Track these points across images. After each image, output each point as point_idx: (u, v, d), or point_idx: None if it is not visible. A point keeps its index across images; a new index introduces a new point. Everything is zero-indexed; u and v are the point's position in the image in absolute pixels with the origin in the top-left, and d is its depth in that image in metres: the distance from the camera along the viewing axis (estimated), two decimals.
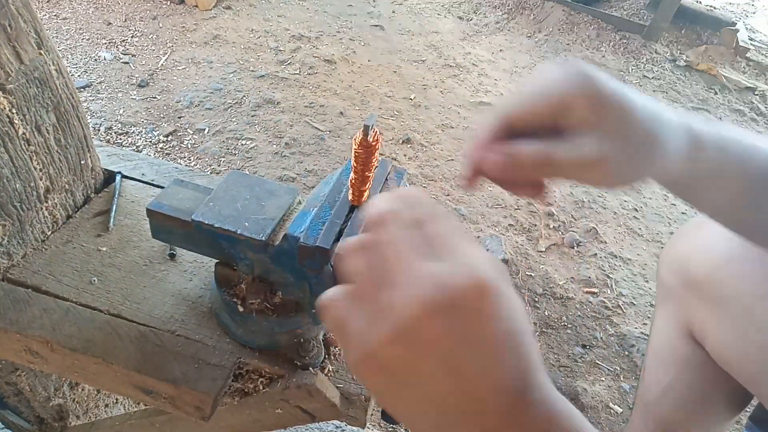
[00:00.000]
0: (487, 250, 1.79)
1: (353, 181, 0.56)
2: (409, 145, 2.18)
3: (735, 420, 0.93)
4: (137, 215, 0.75)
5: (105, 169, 0.81)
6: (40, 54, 0.62)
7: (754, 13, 3.98)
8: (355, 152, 0.53)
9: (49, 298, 0.64)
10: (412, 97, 2.46)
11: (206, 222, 0.56)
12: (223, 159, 1.95)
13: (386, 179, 0.61)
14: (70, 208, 0.75)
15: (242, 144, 2.02)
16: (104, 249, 0.71)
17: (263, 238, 0.56)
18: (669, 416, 0.89)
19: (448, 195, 2.00)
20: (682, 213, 2.17)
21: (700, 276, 0.77)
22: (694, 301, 0.79)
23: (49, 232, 0.72)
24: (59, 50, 2.31)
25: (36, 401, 0.82)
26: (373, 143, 0.52)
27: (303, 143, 2.07)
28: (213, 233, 0.57)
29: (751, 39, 3.41)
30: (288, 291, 0.60)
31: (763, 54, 3.33)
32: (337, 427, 1.34)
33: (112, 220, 0.74)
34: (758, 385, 0.71)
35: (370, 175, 0.56)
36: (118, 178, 0.80)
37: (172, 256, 0.71)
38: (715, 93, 3.01)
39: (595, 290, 1.75)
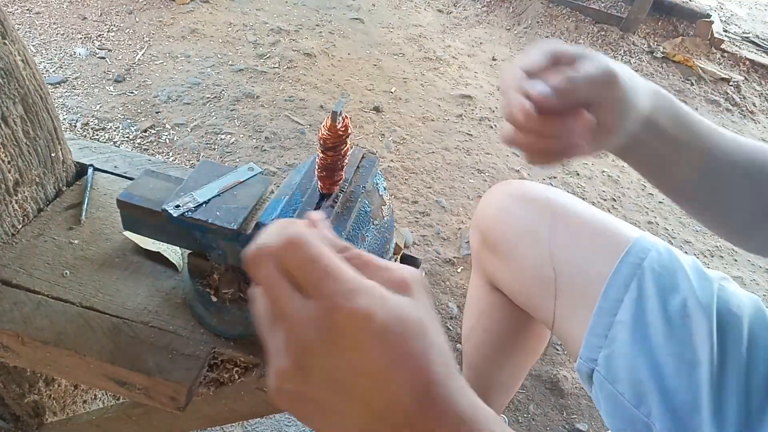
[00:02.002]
0: (467, 242, 1.80)
1: (320, 171, 0.56)
2: (390, 138, 2.18)
3: (532, 362, 1.08)
4: (109, 207, 0.75)
5: (77, 162, 0.80)
6: (5, 44, 0.61)
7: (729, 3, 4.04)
8: (324, 140, 0.53)
9: (20, 292, 0.64)
10: (392, 90, 2.47)
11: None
12: (202, 154, 1.93)
13: (358, 167, 0.61)
14: (41, 201, 0.74)
15: (221, 138, 2.01)
16: (76, 242, 0.70)
17: (235, 227, 0.56)
18: (472, 356, 1.03)
19: (429, 187, 2.01)
20: (660, 202, 2.21)
21: (485, 230, 0.89)
22: (487, 254, 0.90)
23: (20, 226, 0.71)
24: (33, 45, 2.28)
25: (10, 398, 0.81)
26: (342, 131, 0.52)
27: (283, 137, 2.06)
28: (184, 223, 0.57)
29: (725, 31, 3.47)
30: None
31: (737, 45, 3.39)
32: None
33: (83, 212, 0.73)
34: (536, 309, 0.83)
35: (342, 164, 0.56)
36: (90, 170, 0.79)
37: None
38: (692, 84, 3.05)
39: None
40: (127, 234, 0.71)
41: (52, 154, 0.73)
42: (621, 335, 0.71)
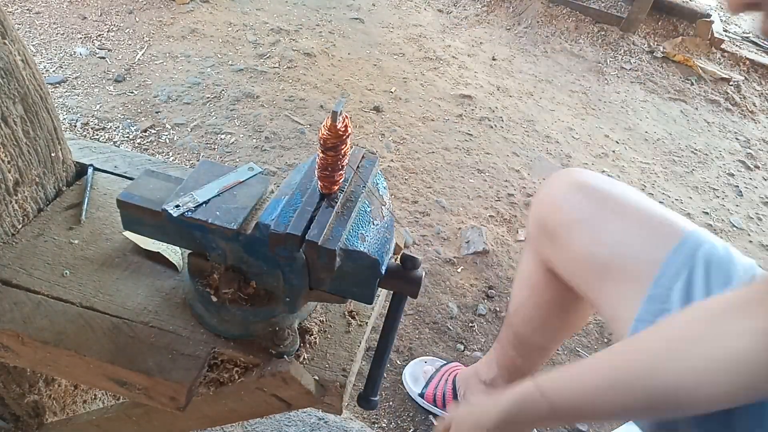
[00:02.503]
0: (467, 241, 1.80)
1: (320, 171, 0.56)
2: (390, 138, 2.18)
3: (570, 334, 1.17)
4: (109, 207, 0.75)
5: (77, 162, 0.80)
6: (5, 44, 0.61)
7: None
8: (324, 140, 0.53)
9: (20, 292, 0.64)
10: (392, 90, 2.46)
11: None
12: (202, 154, 1.93)
13: (357, 167, 0.61)
14: (41, 201, 0.74)
15: (221, 138, 2.01)
16: (76, 242, 0.70)
17: (235, 227, 0.56)
18: (519, 327, 1.12)
19: (429, 187, 2.01)
20: (660, 202, 2.21)
21: (544, 217, 0.95)
22: (545, 240, 0.95)
23: (20, 226, 0.71)
24: (33, 45, 2.28)
25: (10, 398, 0.81)
26: (342, 131, 0.52)
27: (283, 137, 2.06)
28: (184, 223, 0.57)
29: (725, 30, 3.47)
30: (261, 280, 0.61)
31: (737, 45, 3.39)
32: (319, 418, 1.34)
33: (83, 212, 0.73)
34: (588, 291, 0.88)
35: (342, 164, 0.56)
36: (90, 170, 0.79)
37: None
38: (692, 84, 3.05)
39: None
40: (127, 234, 0.71)
41: (52, 154, 0.73)
42: None
